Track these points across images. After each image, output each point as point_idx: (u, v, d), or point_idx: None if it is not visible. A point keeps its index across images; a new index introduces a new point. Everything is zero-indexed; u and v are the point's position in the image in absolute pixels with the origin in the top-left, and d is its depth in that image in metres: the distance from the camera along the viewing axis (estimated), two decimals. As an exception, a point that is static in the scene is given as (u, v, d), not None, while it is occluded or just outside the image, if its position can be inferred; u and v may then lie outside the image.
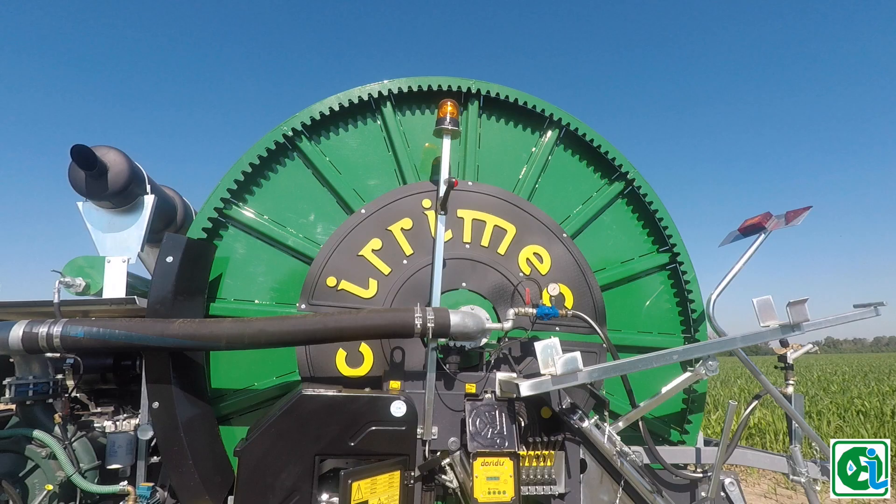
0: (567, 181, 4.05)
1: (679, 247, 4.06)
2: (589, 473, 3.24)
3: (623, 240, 4.12)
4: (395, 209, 3.63)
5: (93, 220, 3.74)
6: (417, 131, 3.85)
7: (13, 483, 2.97)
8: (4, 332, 2.78)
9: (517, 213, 3.79)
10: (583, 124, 3.97)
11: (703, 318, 4.01)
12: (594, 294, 3.82)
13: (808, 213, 3.55)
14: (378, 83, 3.73)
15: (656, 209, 4.06)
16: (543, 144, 3.98)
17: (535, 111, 3.93)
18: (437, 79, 3.77)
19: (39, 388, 3.20)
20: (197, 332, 2.86)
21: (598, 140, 3.98)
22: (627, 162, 4.01)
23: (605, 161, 4.06)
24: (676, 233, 4.07)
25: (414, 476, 2.94)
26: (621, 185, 4.08)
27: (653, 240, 4.17)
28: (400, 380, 3.14)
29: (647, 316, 4.08)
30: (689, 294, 4.04)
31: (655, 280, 4.14)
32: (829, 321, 3.32)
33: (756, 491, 8.74)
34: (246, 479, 2.75)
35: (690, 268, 4.06)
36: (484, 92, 3.86)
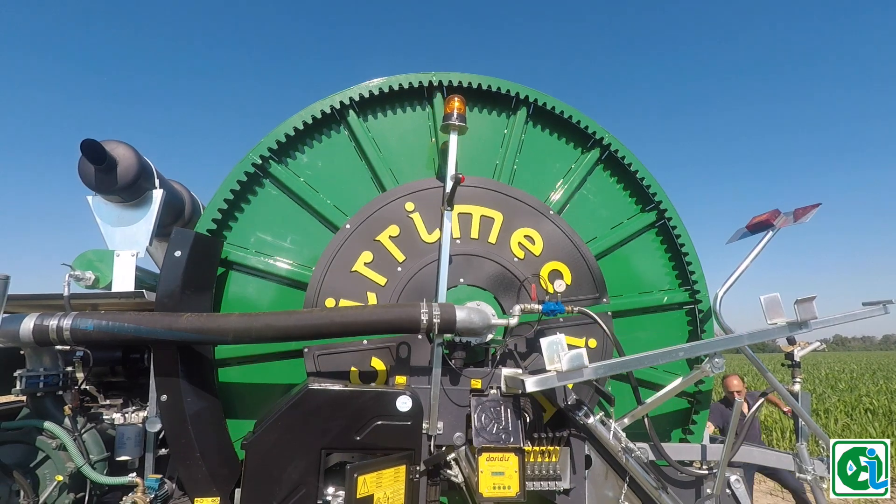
0: (544, 158, 4.02)
1: (665, 203, 4.03)
2: (594, 469, 3.25)
3: (608, 206, 4.11)
4: (380, 218, 3.60)
5: (102, 214, 3.76)
6: (387, 134, 3.82)
7: (24, 473, 3.01)
8: (15, 325, 2.82)
9: (501, 199, 3.77)
10: (550, 97, 3.92)
11: (698, 271, 4.03)
12: (590, 265, 3.83)
13: (816, 211, 3.53)
14: (339, 93, 3.68)
15: (636, 170, 4.03)
16: (515, 125, 3.94)
17: (501, 93, 3.89)
18: (398, 78, 3.73)
19: (50, 381, 3.24)
20: (204, 326, 2.88)
21: (568, 110, 3.94)
22: (600, 128, 3.97)
23: (578, 130, 4.02)
24: (660, 189, 4.05)
25: (419, 470, 2.95)
26: (598, 153, 4.04)
27: (636, 200, 4.14)
28: (406, 375, 3.16)
29: (644, 277, 4.10)
30: (682, 248, 4.04)
31: (647, 240, 4.13)
32: (837, 319, 3.30)
33: (762, 488, 8.71)
34: (253, 472, 2.77)
35: (679, 222, 4.05)
36: (446, 83, 3.82)
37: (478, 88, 3.85)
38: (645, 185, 4.04)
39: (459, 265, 3.62)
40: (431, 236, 3.62)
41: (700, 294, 4.01)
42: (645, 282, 4.09)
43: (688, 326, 4.11)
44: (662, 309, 4.07)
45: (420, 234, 3.62)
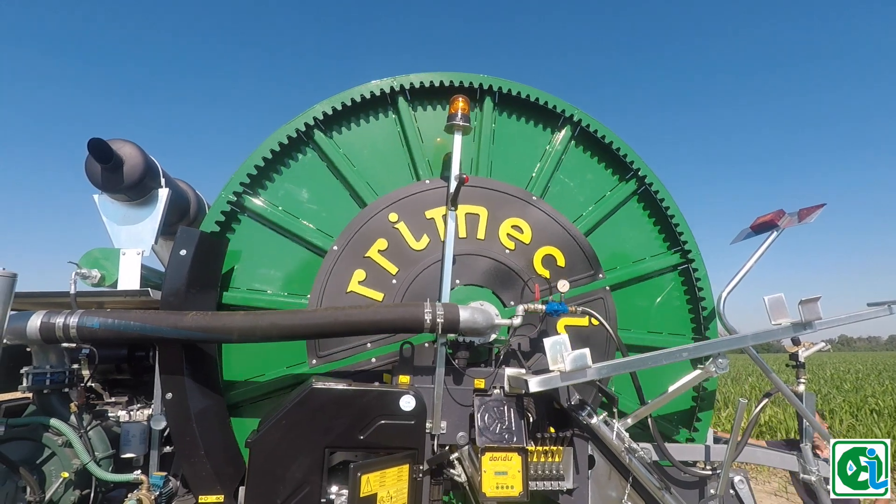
0: (518, 144, 4.00)
1: (643, 170, 4.02)
2: (597, 469, 3.25)
3: (589, 182, 4.10)
4: (366, 234, 3.58)
5: (108, 213, 3.79)
6: (358, 147, 3.79)
7: (31, 470, 3.03)
8: (23, 323, 2.84)
9: (483, 194, 3.76)
10: (514, 83, 3.87)
11: (686, 231, 4.03)
12: (580, 243, 3.84)
13: (821, 211, 3.51)
14: (302, 114, 3.62)
15: (611, 141, 4.00)
16: (483, 117, 3.91)
17: (464, 87, 3.84)
18: (358, 89, 3.68)
19: (56, 378, 3.26)
20: (209, 325, 2.89)
21: (534, 93, 3.90)
22: (569, 105, 3.94)
23: (546, 111, 3.99)
24: (637, 157, 4.03)
25: (422, 470, 2.96)
26: (570, 132, 4.02)
27: (614, 171, 4.13)
28: (409, 374, 3.17)
29: (635, 245, 4.11)
30: (668, 210, 4.04)
31: (632, 209, 4.14)
32: (841, 320, 3.29)
33: (766, 489, 8.70)
34: (257, 471, 2.79)
35: (661, 186, 4.04)
36: (407, 85, 3.76)
37: (440, 86, 3.82)
38: (622, 155, 4.02)
39: (456, 267, 3.59)
40: (420, 243, 3.61)
41: (692, 254, 4.01)
42: (636, 250, 4.09)
43: (683, 287, 4.12)
44: (658, 274, 4.08)
45: (409, 242, 3.60)
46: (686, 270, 4.10)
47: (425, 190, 3.68)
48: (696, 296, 4.04)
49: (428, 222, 3.65)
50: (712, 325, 3.98)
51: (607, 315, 3.78)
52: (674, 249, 4.11)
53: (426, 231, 3.64)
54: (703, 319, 4.02)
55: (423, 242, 3.61)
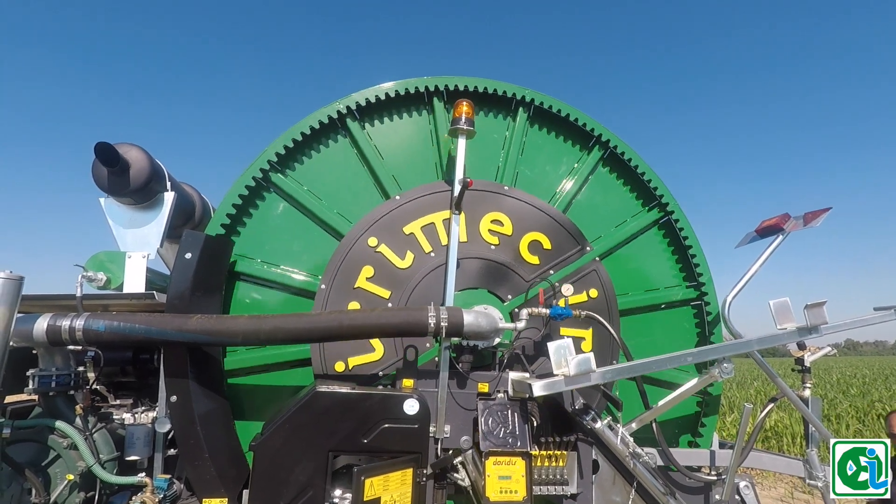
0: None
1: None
2: (601, 474, 3.24)
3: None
4: (350, 265, 3.53)
5: (114, 216, 3.81)
6: (322, 178, 3.73)
7: (36, 472, 3.04)
8: (29, 325, 2.86)
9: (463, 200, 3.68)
10: (461, 78, 3.81)
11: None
12: (562, 222, 3.82)
13: (827, 215, 3.50)
14: (258, 157, 3.56)
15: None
16: (434, 119, 3.87)
17: (408, 93, 3.81)
18: (312, 117, 3.64)
19: (62, 380, 3.27)
20: (214, 328, 2.90)
21: (483, 84, 3.84)
22: (520, 88, 3.90)
23: (496, 99, 3.96)
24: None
25: (426, 474, 2.96)
26: (525, 115, 3.98)
27: (580, 147, 4.09)
28: (413, 378, 3.16)
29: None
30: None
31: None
32: (847, 324, 3.27)
33: (772, 495, 8.63)
34: (261, 474, 2.79)
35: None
36: (361, 103, 3.72)
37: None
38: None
39: (442, 277, 3.55)
40: (405, 261, 3.59)
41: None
42: (613, 216, 4.08)
43: (665, 239, 4.14)
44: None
45: (394, 263, 3.58)
46: (667, 223, 4.09)
47: (397, 207, 3.64)
48: (683, 244, 4.04)
49: (408, 238, 3.62)
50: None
51: (603, 285, 3.80)
52: (650, 206, 4.09)
53: (408, 247, 3.60)
54: (693, 266, 4.02)
55: (408, 260, 3.59)
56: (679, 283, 4.09)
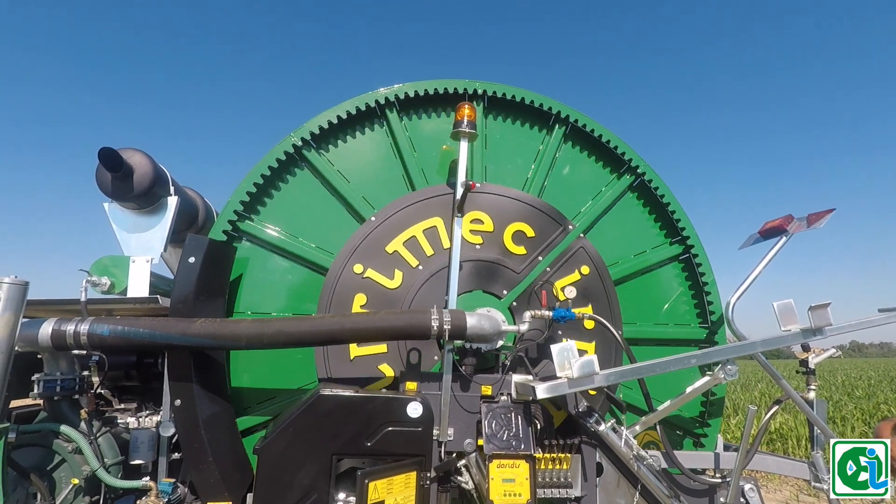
0: (436, 142, 3.92)
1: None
2: (605, 477, 3.23)
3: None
4: (342, 297, 3.51)
5: (118, 221, 3.82)
6: (294, 217, 3.69)
7: (41, 476, 3.05)
8: (34, 330, 2.87)
9: (428, 204, 3.70)
10: (412, 84, 3.80)
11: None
12: (539, 207, 3.82)
13: (830, 216, 3.49)
14: (219, 221, 3.53)
15: (522, 97, 3.96)
16: (391, 130, 3.83)
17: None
18: (273, 153, 3.61)
19: (66, 385, 3.28)
20: (218, 332, 2.91)
21: (440, 85, 3.83)
22: (471, 82, 3.87)
23: (456, 97, 3.92)
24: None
25: (430, 477, 2.96)
26: (481, 108, 3.96)
27: (539, 128, 4.08)
28: (416, 381, 3.17)
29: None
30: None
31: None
32: (852, 326, 3.26)
33: (777, 498, 8.58)
34: (265, 477, 2.80)
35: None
36: (313, 131, 3.68)
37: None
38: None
39: (436, 288, 3.55)
40: (394, 281, 3.57)
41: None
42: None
43: (639, 200, 4.14)
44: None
45: (385, 286, 3.57)
46: (641, 185, 4.08)
47: (374, 228, 3.62)
48: (660, 203, 4.05)
49: (392, 257, 3.60)
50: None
51: (592, 259, 3.81)
52: (621, 172, 4.08)
53: (395, 266, 3.59)
54: (675, 223, 4.03)
55: (397, 279, 3.57)
56: (664, 242, 4.10)
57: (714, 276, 4.02)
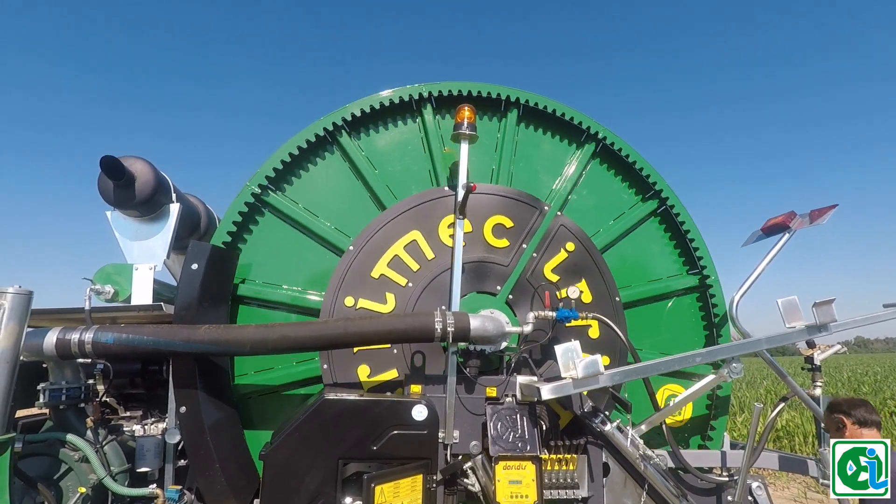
0: (396, 154, 3.91)
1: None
2: (612, 477, 3.22)
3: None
4: None
5: (121, 229, 3.84)
6: (266, 269, 3.67)
7: (48, 485, 3.05)
8: (39, 339, 2.88)
9: (402, 221, 3.66)
10: (356, 104, 3.75)
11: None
12: (513, 196, 3.81)
13: (833, 212, 3.49)
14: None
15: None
16: (348, 154, 3.79)
17: (317, 138, 3.74)
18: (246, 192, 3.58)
19: (72, 393, 3.29)
20: (222, 338, 2.92)
21: (384, 99, 3.79)
22: (415, 87, 3.82)
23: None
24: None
25: (436, 480, 2.95)
26: (431, 109, 3.91)
27: (490, 115, 4.05)
28: (421, 384, 3.17)
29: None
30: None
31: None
32: (857, 321, 3.26)
33: (785, 495, 8.55)
34: (271, 483, 2.79)
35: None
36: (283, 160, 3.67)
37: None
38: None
39: (431, 301, 3.53)
40: (388, 304, 3.55)
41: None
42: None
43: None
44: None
45: (380, 310, 3.54)
46: (604, 149, 4.08)
47: (354, 257, 3.58)
48: (627, 164, 4.06)
49: (379, 281, 3.58)
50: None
51: (574, 235, 3.82)
52: (581, 141, 4.08)
53: (384, 290, 3.58)
54: (644, 178, 4.04)
55: (390, 302, 3.56)
56: (636, 203, 4.12)
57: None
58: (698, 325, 4.09)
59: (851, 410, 3.01)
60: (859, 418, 2.97)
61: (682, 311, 4.10)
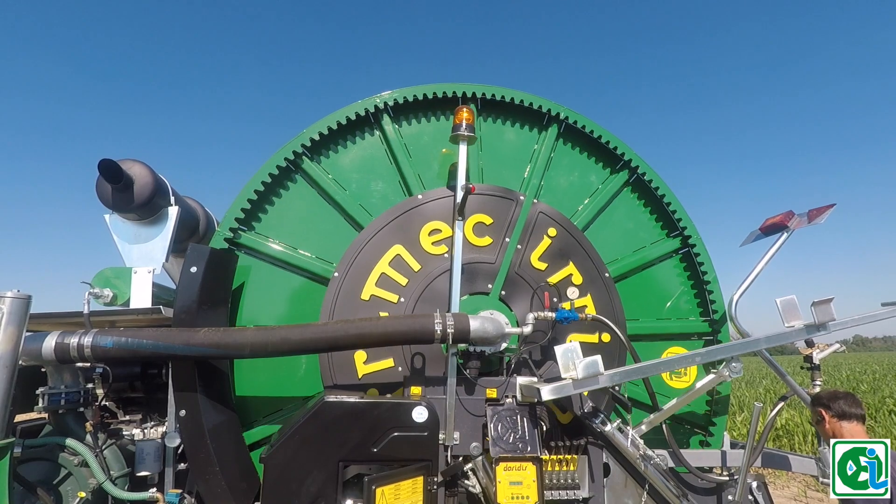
0: (362, 170, 3.87)
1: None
2: (613, 478, 3.22)
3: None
4: (342, 358, 3.46)
5: (119, 232, 3.83)
6: (259, 307, 3.63)
7: (48, 490, 3.04)
8: (38, 343, 2.87)
9: (382, 238, 3.62)
10: (311, 128, 3.72)
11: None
12: (486, 191, 3.79)
13: (831, 211, 3.50)
14: None
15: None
16: (314, 180, 3.75)
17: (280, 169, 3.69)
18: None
19: (71, 398, 3.28)
20: (221, 341, 2.91)
21: (343, 115, 3.73)
22: (371, 99, 3.78)
23: (355, 124, 3.84)
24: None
25: (437, 481, 2.95)
26: (389, 120, 3.88)
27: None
28: (421, 385, 3.16)
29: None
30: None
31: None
32: (855, 320, 3.26)
33: (785, 494, 8.56)
34: (271, 486, 2.79)
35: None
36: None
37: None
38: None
39: (425, 310, 3.49)
40: None
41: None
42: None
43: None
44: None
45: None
46: (568, 128, 4.07)
47: (341, 283, 3.54)
48: (592, 139, 4.05)
49: (371, 302, 3.55)
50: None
51: (554, 219, 3.83)
52: (542, 126, 4.08)
53: (377, 309, 3.53)
54: (619, 156, 4.03)
55: None
56: (607, 177, 4.12)
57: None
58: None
59: (831, 403, 3.04)
60: (838, 411, 3.00)
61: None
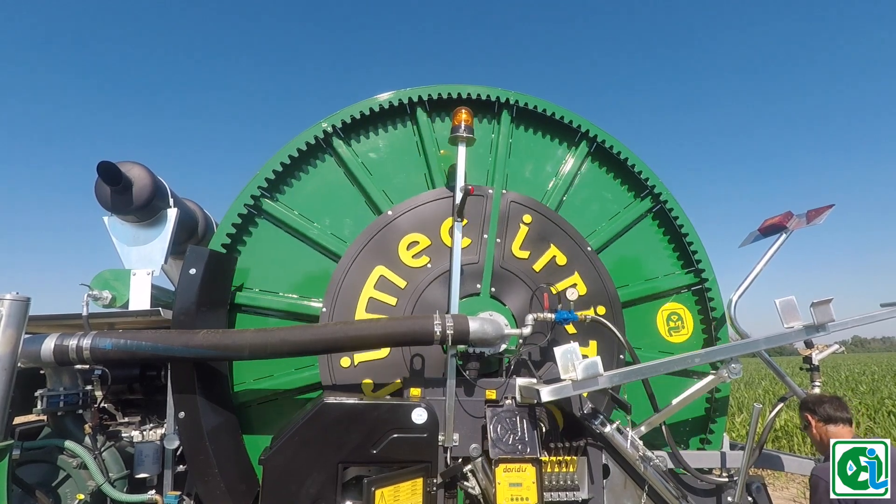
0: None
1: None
2: (612, 479, 3.22)
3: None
4: (350, 390, 3.42)
5: (118, 234, 3.82)
6: None
7: (46, 492, 3.04)
8: (37, 345, 2.87)
9: (362, 263, 3.57)
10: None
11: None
12: (452, 194, 3.70)
13: (830, 212, 3.51)
14: None
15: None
16: (279, 221, 3.70)
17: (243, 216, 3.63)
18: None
19: (70, 400, 3.28)
20: (220, 343, 2.91)
21: (300, 142, 3.67)
22: (326, 119, 3.74)
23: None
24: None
25: (436, 483, 2.95)
26: (340, 141, 3.84)
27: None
28: (420, 387, 3.16)
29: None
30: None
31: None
32: (854, 321, 3.27)
33: (785, 495, 8.55)
34: (271, 488, 2.78)
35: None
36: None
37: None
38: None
39: (423, 308, 3.51)
40: (381, 350, 3.48)
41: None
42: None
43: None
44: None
45: (377, 358, 3.48)
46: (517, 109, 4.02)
47: (331, 315, 3.49)
48: (548, 120, 4.04)
49: None
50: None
51: (526, 205, 3.82)
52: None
53: None
54: (596, 142, 4.03)
55: (383, 352, 3.49)
56: (571, 152, 4.11)
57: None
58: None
59: (816, 408, 3.06)
60: (824, 415, 3.02)
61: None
